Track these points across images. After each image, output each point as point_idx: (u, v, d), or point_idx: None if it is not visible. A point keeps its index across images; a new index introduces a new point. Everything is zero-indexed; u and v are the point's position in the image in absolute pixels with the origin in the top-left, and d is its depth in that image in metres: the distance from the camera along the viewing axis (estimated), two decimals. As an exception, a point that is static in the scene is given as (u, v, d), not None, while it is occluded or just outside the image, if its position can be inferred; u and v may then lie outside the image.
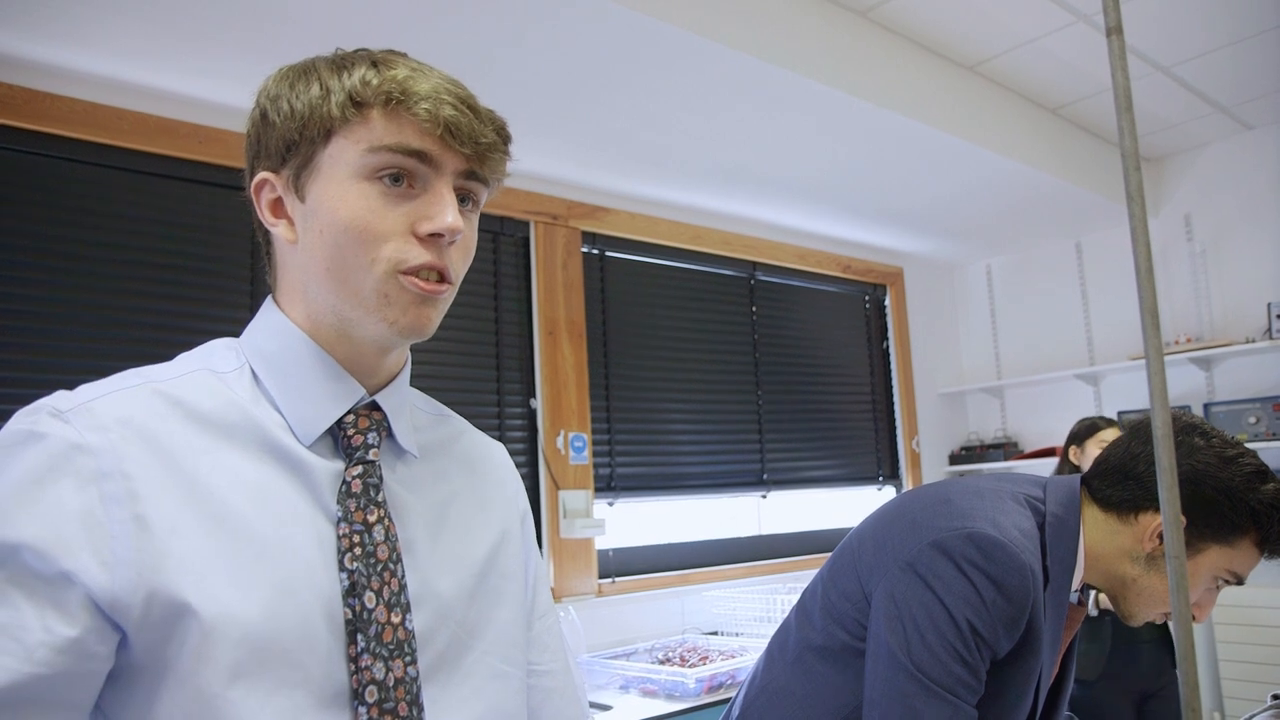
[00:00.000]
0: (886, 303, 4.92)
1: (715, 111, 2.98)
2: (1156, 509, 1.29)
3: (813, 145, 3.33)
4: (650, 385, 3.79)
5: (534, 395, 3.41)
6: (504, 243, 3.44)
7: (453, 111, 0.80)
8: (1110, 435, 2.98)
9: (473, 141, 0.81)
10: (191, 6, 2.19)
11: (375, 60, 0.82)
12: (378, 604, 0.78)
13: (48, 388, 0.77)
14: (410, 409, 0.93)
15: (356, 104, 0.79)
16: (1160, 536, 1.28)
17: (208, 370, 0.82)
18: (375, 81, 0.79)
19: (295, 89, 0.82)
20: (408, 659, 0.78)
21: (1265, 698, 1.71)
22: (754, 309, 4.25)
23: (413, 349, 0.92)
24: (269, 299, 0.88)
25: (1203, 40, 3.34)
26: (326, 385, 0.83)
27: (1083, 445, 3.00)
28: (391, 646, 0.78)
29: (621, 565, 3.57)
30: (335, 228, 0.79)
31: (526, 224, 3.49)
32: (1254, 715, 1.63)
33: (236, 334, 0.88)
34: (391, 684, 0.77)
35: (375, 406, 0.86)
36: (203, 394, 0.79)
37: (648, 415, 3.75)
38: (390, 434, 0.87)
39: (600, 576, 3.46)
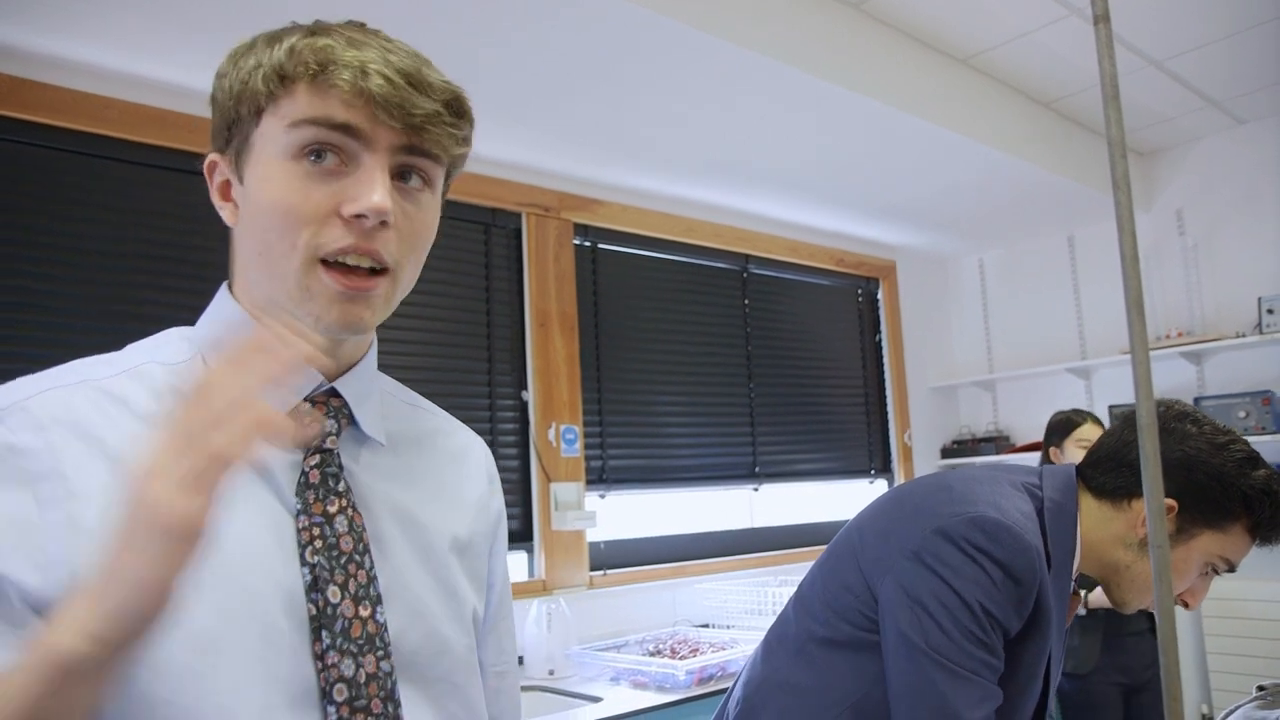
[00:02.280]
0: (879, 296, 4.92)
1: (707, 104, 2.97)
2: None
3: (806, 138, 3.32)
4: (642, 378, 3.78)
5: (525, 387, 3.41)
6: (495, 234, 3.43)
7: (381, 82, 0.73)
8: (1088, 431, 3.00)
9: (404, 113, 0.74)
10: (180, -6, 2.18)
11: (311, 30, 0.76)
12: (343, 598, 0.75)
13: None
14: (381, 395, 0.89)
15: (282, 78, 0.74)
16: None
17: (155, 363, 0.79)
18: (300, 51, 0.74)
19: (238, 65, 0.77)
20: (380, 654, 0.75)
21: (1251, 689, 1.72)
22: (746, 302, 4.25)
23: (404, 340, 0.91)
24: (223, 286, 0.86)
25: (1196, 34, 3.35)
26: None
27: (1061, 446, 3.02)
28: (360, 642, 0.74)
29: (613, 557, 3.57)
30: (261, 210, 0.76)
31: (518, 215, 3.48)
32: (1239, 706, 1.63)
33: None
34: (363, 680, 0.74)
35: (335, 393, 0.82)
36: (147, 388, 0.76)
37: (639, 408, 3.75)
38: (353, 421, 0.83)
39: (591, 569, 3.46)
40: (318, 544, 0.75)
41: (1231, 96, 3.89)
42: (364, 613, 0.76)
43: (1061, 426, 3.05)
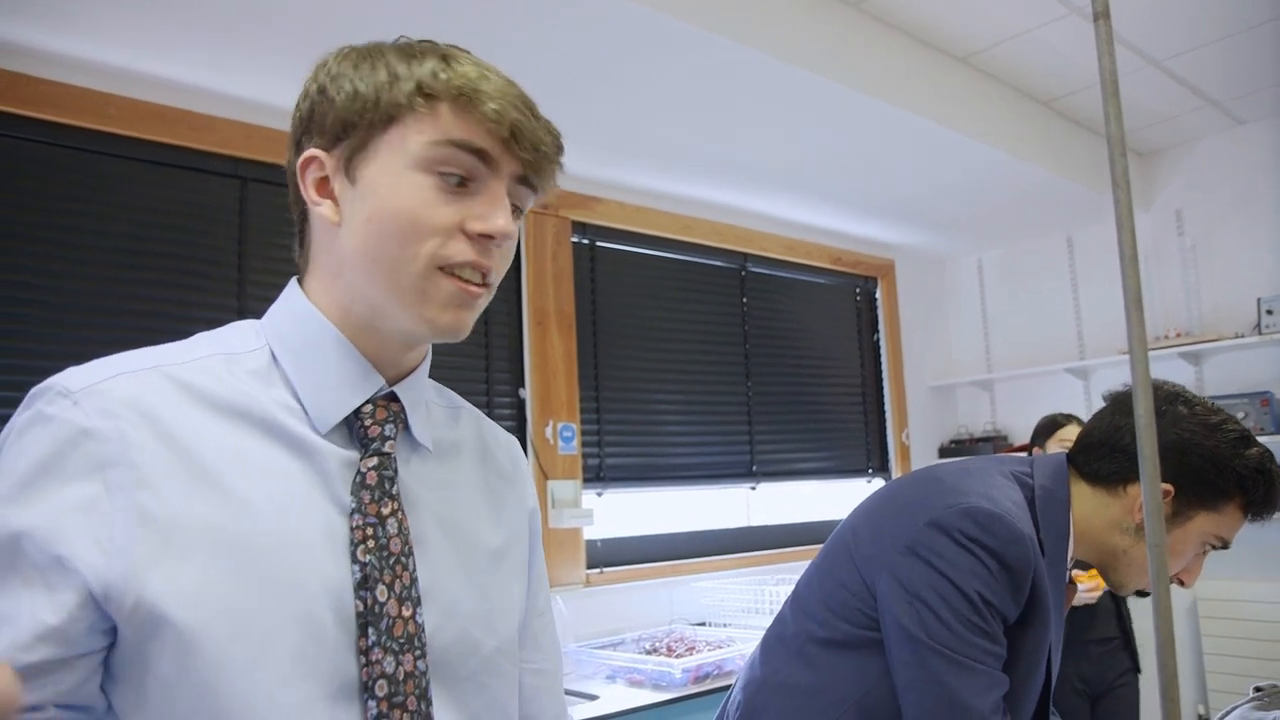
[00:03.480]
0: (877, 295, 4.92)
1: (706, 101, 2.97)
2: None
3: (805, 136, 3.32)
4: (640, 376, 3.78)
5: (523, 385, 3.41)
6: (494, 231, 3.42)
7: (518, 115, 0.79)
8: (1070, 433, 2.99)
9: (533, 147, 0.80)
10: (178, -11, 2.18)
11: (444, 54, 0.81)
12: (389, 597, 0.77)
13: (31, 374, 0.76)
14: (426, 403, 0.92)
15: (426, 95, 0.78)
16: None
17: (222, 355, 0.80)
18: (445, 75, 0.78)
19: (359, 70, 0.81)
20: (417, 653, 0.78)
21: (1247, 690, 1.71)
22: (744, 300, 4.25)
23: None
24: (293, 281, 0.87)
25: (1196, 34, 3.34)
26: (347, 373, 0.82)
27: (1044, 445, 3.02)
28: (402, 640, 0.77)
29: (609, 555, 3.56)
30: (384, 216, 0.78)
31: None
32: (1236, 707, 1.63)
33: (222, 322, 0.87)
34: (401, 678, 0.76)
35: (394, 398, 0.85)
36: (213, 379, 0.78)
37: (637, 406, 3.75)
38: (406, 427, 0.86)
39: (588, 566, 3.46)
40: (370, 544, 0.78)
41: (1231, 97, 3.89)
42: (406, 612, 0.78)
43: (1046, 428, 3.05)
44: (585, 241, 3.69)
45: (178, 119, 2.67)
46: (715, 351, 4.07)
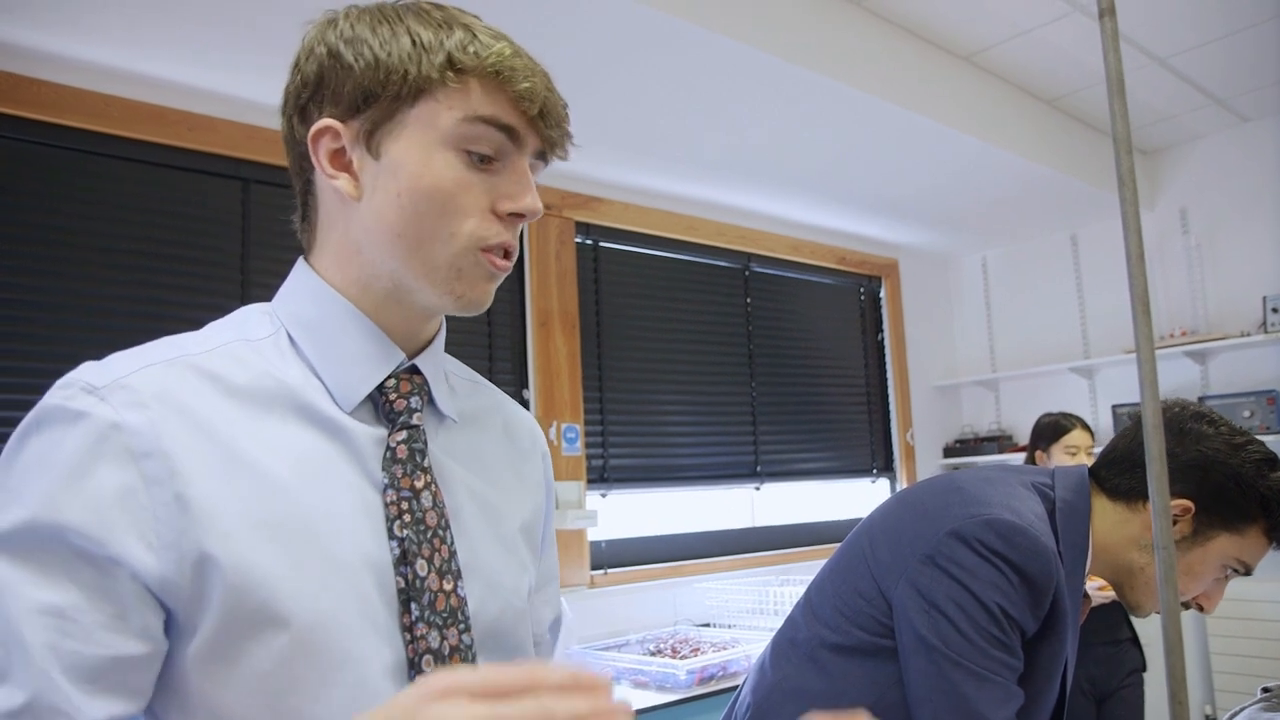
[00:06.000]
0: (881, 295, 4.91)
1: (710, 101, 2.96)
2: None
3: (808, 135, 3.31)
4: (644, 376, 3.77)
5: (526, 386, 3.40)
6: (497, 232, 3.42)
7: (547, 92, 0.79)
8: (1076, 437, 2.98)
9: (558, 125, 0.81)
10: (180, -9, 2.17)
11: (466, 24, 0.79)
12: (429, 571, 0.76)
13: (33, 376, 0.75)
14: (445, 374, 0.91)
15: (457, 69, 0.76)
16: (1172, 524, 1.28)
17: (242, 340, 0.79)
18: (474, 49, 0.76)
19: (378, 34, 0.77)
20: (461, 627, 0.77)
21: (1255, 691, 1.70)
22: (748, 300, 4.24)
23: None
24: (300, 260, 0.85)
25: (1199, 32, 3.33)
26: (367, 349, 0.80)
27: (1048, 451, 3.00)
28: (444, 614, 0.76)
29: (614, 557, 3.56)
30: (417, 194, 0.76)
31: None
32: (1244, 708, 1.62)
33: None
34: (447, 653, 0.75)
35: (415, 370, 0.83)
36: (238, 365, 0.76)
37: (641, 407, 3.74)
38: (431, 399, 0.85)
39: (592, 568, 3.45)
40: (406, 518, 0.77)
41: (1235, 94, 3.87)
42: (447, 586, 0.77)
43: (1049, 430, 3.03)
44: (589, 242, 3.68)
45: (179, 120, 2.67)
46: (719, 352, 4.07)
